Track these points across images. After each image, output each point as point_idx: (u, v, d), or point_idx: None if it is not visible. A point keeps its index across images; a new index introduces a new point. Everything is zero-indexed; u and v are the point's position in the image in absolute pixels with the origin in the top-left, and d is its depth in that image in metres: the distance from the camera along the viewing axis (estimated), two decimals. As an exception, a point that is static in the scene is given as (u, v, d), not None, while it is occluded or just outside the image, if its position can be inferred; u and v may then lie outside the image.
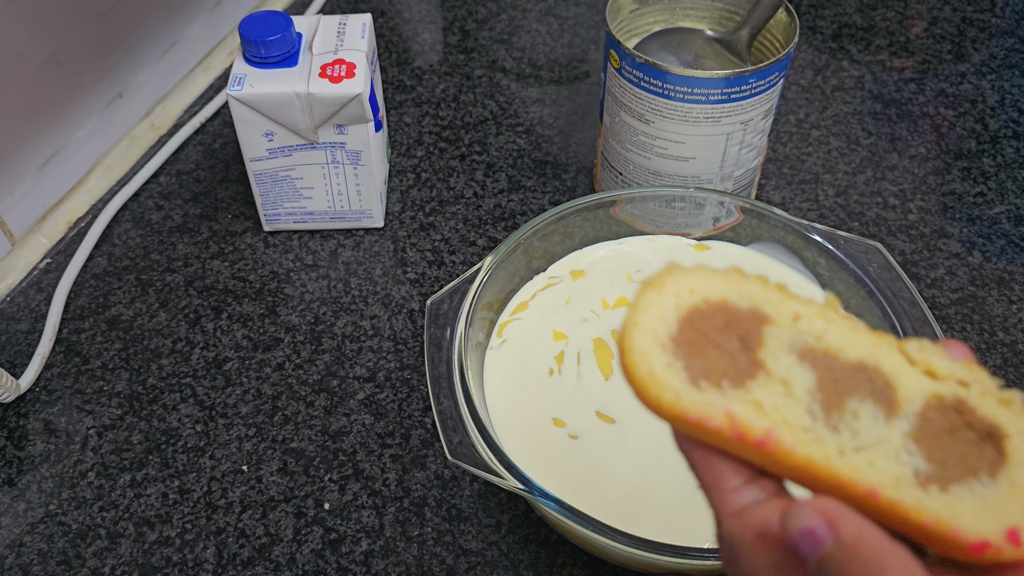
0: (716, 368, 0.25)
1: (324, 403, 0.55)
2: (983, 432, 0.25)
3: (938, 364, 0.26)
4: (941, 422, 0.25)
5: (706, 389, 0.25)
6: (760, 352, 0.25)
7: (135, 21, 0.69)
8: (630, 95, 0.56)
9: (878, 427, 0.25)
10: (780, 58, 0.54)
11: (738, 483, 0.24)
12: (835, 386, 0.25)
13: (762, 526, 0.23)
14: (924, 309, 0.48)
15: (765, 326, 0.26)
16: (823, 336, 0.26)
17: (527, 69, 0.79)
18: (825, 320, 0.26)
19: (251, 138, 0.59)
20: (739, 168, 0.59)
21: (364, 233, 0.65)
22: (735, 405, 0.24)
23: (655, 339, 0.25)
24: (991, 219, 0.66)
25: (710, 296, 0.26)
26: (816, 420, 0.25)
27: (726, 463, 0.25)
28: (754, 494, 0.24)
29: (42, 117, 0.62)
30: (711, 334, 0.26)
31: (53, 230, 0.65)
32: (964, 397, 0.25)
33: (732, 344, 0.26)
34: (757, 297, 0.26)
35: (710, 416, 0.24)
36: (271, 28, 0.56)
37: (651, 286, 0.26)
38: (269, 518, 0.50)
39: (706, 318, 0.26)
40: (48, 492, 0.51)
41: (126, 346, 0.58)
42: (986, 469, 0.24)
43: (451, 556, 0.48)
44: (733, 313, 0.26)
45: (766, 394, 0.25)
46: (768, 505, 0.23)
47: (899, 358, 0.26)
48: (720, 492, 0.24)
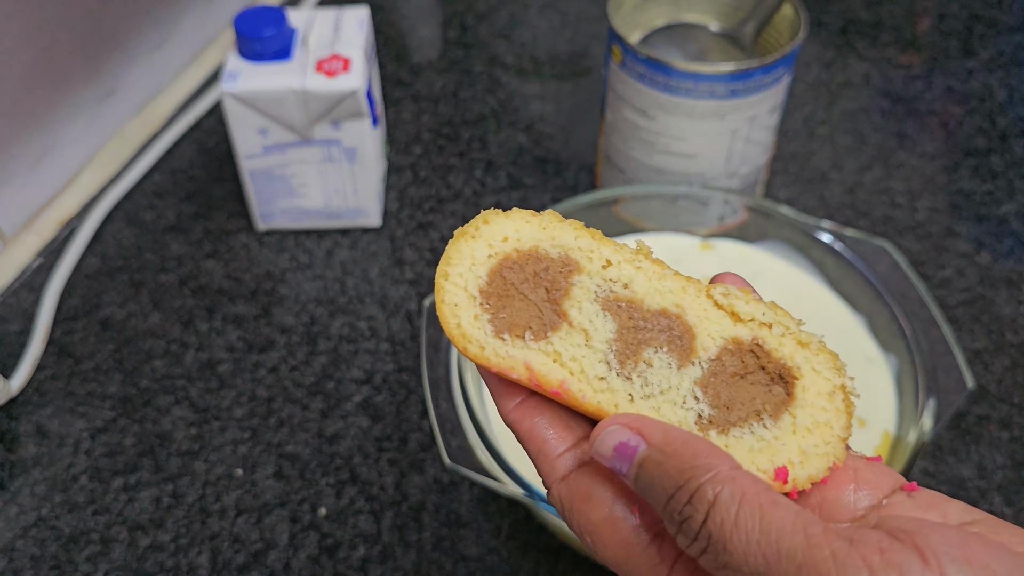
0: (520, 320, 0.27)
1: (320, 406, 0.54)
2: (775, 374, 0.27)
3: (741, 308, 0.27)
4: (735, 366, 0.27)
5: (509, 341, 0.26)
6: (565, 303, 0.27)
7: (127, 17, 0.68)
8: (633, 90, 0.55)
9: (670, 375, 0.27)
10: (786, 53, 0.53)
11: (562, 449, 0.26)
12: (634, 335, 0.27)
13: (586, 488, 0.25)
14: (933, 310, 0.47)
15: (574, 275, 0.27)
16: (630, 283, 0.27)
17: (528, 64, 0.78)
18: (635, 267, 0.27)
19: (245, 135, 0.58)
20: (745, 165, 0.58)
21: (361, 232, 0.64)
22: (534, 357, 0.26)
23: (465, 291, 0.27)
24: (1000, 218, 0.65)
25: (523, 244, 0.27)
26: (611, 370, 0.27)
27: (550, 432, 0.26)
28: (576, 457, 0.26)
29: (33, 114, 0.61)
30: (519, 285, 0.27)
31: (44, 229, 0.64)
32: (763, 339, 0.27)
33: (539, 295, 0.27)
34: (569, 245, 0.28)
35: (512, 368, 0.26)
36: (265, 22, 0.55)
37: (464, 234, 0.27)
38: (264, 523, 0.49)
39: (516, 268, 0.27)
40: (40, 496, 0.50)
41: (119, 347, 0.57)
42: (770, 411, 0.26)
43: (450, 562, 0.47)
44: (543, 261, 0.27)
45: (566, 345, 0.26)
46: (589, 467, 0.25)
47: (706, 302, 0.27)
48: (546, 460, 0.26)
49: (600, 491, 0.25)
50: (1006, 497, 0.50)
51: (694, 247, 0.56)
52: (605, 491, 0.25)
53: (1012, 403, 0.54)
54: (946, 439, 0.52)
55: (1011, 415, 0.53)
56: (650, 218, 0.55)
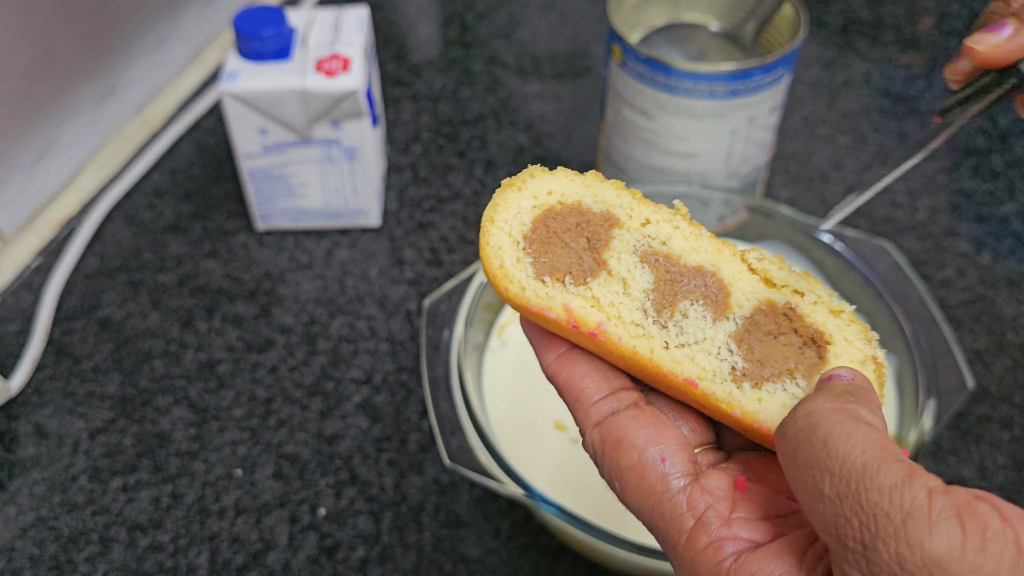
0: (561, 265, 0.28)
1: (319, 406, 0.54)
2: (807, 338, 0.27)
3: (775, 273, 0.28)
4: (768, 326, 0.27)
5: (550, 284, 0.27)
6: (605, 253, 0.28)
7: (127, 16, 0.68)
8: (633, 90, 0.55)
9: (705, 327, 0.27)
10: (786, 52, 0.53)
11: (598, 397, 0.26)
12: (671, 287, 0.28)
13: (618, 434, 0.25)
14: (933, 310, 0.47)
15: (614, 229, 0.28)
16: (668, 241, 0.28)
17: (528, 64, 0.78)
18: (673, 226, 0.28)
19: (244, 135, 0.57)
20: (745, 165, 0.58)
21: (360, 232, 0.64)
22: (573, 300, 0.27)
23: (509, 236, 0.28)
24: (1001, 218, 0.65)
25: (566, 198, 0.28)
26: (647, 317, 0.27)
27: (588, 381, 0.27)
28: (612, 405, 0.26)
29: (33, 114, 0.61)
30: (562, 234, 0.28)
31: (44, 229, 0.64)
32: (796, 305, 0.27)
33: (580, 244, 0.28)
34: (611, 201, 0.28)
35: (550, 308, 0.27)
36: (265, 22, 0.55)
37: (511, 186, 0.28)
38: (263, 524, 0.49)
39: (559, 219, 0.28)
40: (39, 496, 0.50)
41: (118, 347, 0.57)
42: (803, 371, 0.27)
43: (450, 563, 0.47)
44: (585, 215, 0.28)
45: (604, 291, 0.27)
46: (623, 414, 0.26)
47: (740, 266, 0.28)
48: (582, 407, 0.26)
49: (631, 436, 0.25)
50: (1007, 497, 0.49)
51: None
52: (637, 437, 0.25)
53: (1013, 403, 0.54)
54: (947, 439, 0.52)
55: (1012, 415, 0.53)
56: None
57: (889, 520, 0.19)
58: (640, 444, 0.25)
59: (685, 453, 0.25)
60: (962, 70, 0.29)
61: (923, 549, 0.18)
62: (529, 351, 0.51)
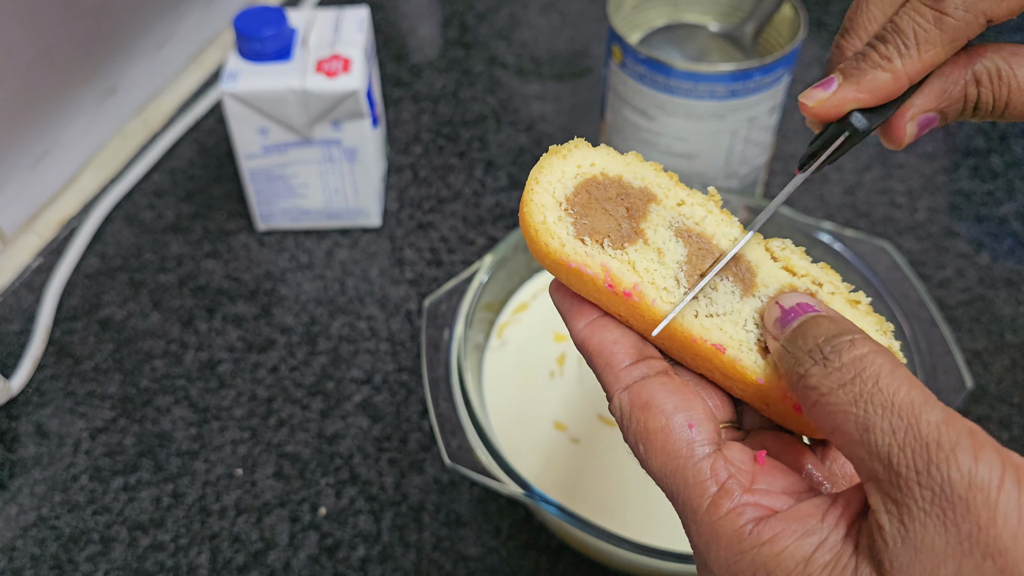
0: (601, 229, 0.28)
1: (320, 406, 0.54)
2: None
3: (797, 263, 0.29)
4: None
5: (589, 244, 0.28)
6: (643, 223, 0.29)
7: (128, 16, 0.68)
8: (633, 91, 0.55)
9: (733, 301, 0.28)
10: (786, 53, 0.53)
11: (628, 362, 0.27)
12: (702, 261, 0.29)
13: (647, 397, 0.26)
14: (932, 310, 0.47)
15: (651, 204, 0.29)
16: (701, 222, 0.29)
17: (528, 64, 0.78)
18: (706, 210, 0.29)
19: (245, 135, 0.58)
20: (744, 165, 0.58)
21: (361, 232, 0.64)
22: (611, 261, 0.28)
23: (552, 196, 0.29)
24: (1000, 218, 0.65)
25: (609, 171, 0.29)
26: (679, 287, 0.28)
27: (618, 347, 0.27)
28: (642, 370, 0.27)
29: (34, 114, 0.61)
30: (602, 201, 0.29)
31: (45, 229, 0.64)
32: (815, 293, 0.28)
33: (619, 212, 0.29)
34: (650, 180, 0.30)
35: (588, 265, 0.28)
36: (266, 22, 0.55)
37: (557, 153, 0.29)
38: (264, 523, 0.49)
39: (601, 188, 0.29)
40: (40, 496, 0.50)
41: (118, 347, 0.57)
42: None
43: (450, 562, 0.47)
44: (626, 188, 0.29)
45: (640, 258, 0.28)
46: (653, 380, 0.26)
47: (764, 253, 0.29)
48: (612, 371, 0.27)
49: (660, 401, 0.25)
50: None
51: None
52: (666, 402, 0.25)
53: (1011, 403, 0.54)
54: (945, 439, 0.52)
55: (1011, 415, 0.53)
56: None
57: (940, 448, 0.20)
58: (668, 409, 0.25)
59: (711, 423, 0.25)
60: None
61: (971, 473, 0.20)
62: (529, 351, 0.51)
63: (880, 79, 0.28)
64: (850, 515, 0.23)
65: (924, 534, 0.20)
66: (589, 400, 0.48)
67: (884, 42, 0.28)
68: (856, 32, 0.29)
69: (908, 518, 0.21)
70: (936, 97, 0.29)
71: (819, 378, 0.23)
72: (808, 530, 0.22)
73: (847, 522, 0.22)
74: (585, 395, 0.49)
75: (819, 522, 0.23)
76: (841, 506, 0.23)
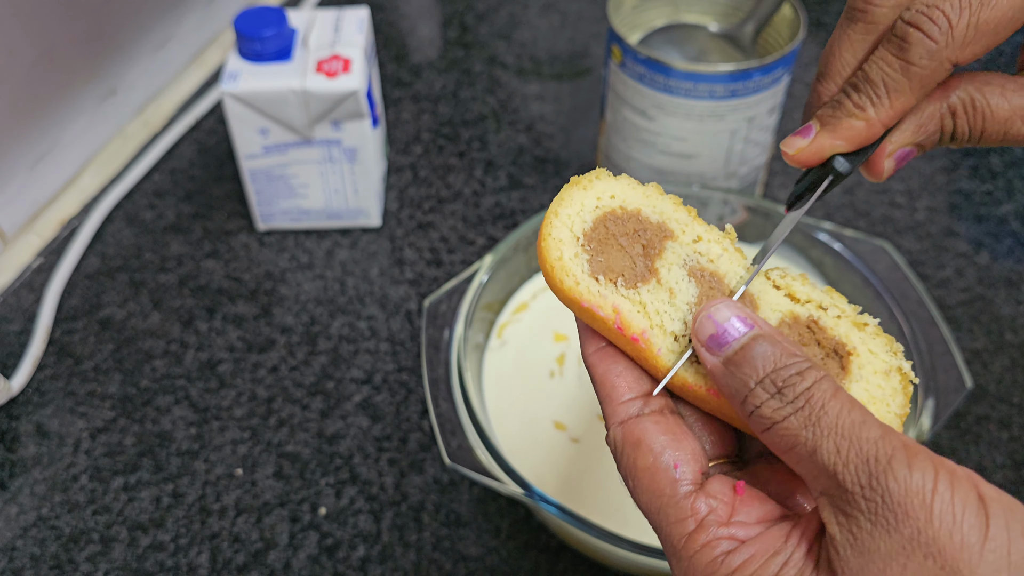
0: (615, 267, 0.29)
1: (320, 406, 0.54)
2: (830, 349, 0.28)
3: (798, 289, 0.29)
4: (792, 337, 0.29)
5: (603, 284, 0.28)
6: (658, 262, 0.29)
7: (128, 17, 0.68)
8: (632, 91, 0.55)
9: None
10: (785, 53, 0.53)
11: (627, 397, 0.28)
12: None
13: (639, 435, 0.27)
14: (932, 310, 0.47)
15: (668, 241, 0.30)
16: (716, 260, 0.30)
17: (528, 64, 0.78)
18: (722, 248, 0.30)
19: (245, 135, 0.58)
20: (744, 166, 0.58)
21: (361, 232, 0.64)
22: (623, 302, 0.28)
23: (570, 230, 0.29)
24: (999, 218, 0.65)
25: (628, 204, 0.30)
26: (687, 329, 0.28)
27: (621, 380, 0.28)
28: (638, 407, 0.28)
29: (34, 114, 0.62)
30: (619, 237, 0.29)
31: (45, 229, 0.64)
32: (818, 318, 0.29)
33: (635, 250, 0.29)
34: (668, 215, 0.30)
35: (600, 306, 0.28)
36: (266, 23, 0.55)
37: (578, 184, 0.30)
38: (264, 523, 0.49)
39: (619, 222, 0.29)
40: (40, 496, 0.50)
41: (119, 347, 0.57)
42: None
43: (450, 562, 0.47)
44: (643, 223, 0.30)
45: (652, 298, 0.29)
46: (648, 419, 0.27)
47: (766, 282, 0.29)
48: (611, 403, 0.28)
49: (650, 440, 0.27)
50: (1005, 497, 0.50)
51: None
52: (654, 442, 0.27)
53: (1011, 403, 0.54)
54: (945, 439, 0.52)
55: (1010, 415, 0.53)
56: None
57: (878, 461, 0.22)
58: (657, 449, 0.27)
59: (697, 463, 0.27)
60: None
61: (907, 482, 0.22)
62: (529, 351, 0.51)
63: (856, 127, 0.29)
64: (811, 534, 0.24)
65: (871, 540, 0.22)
66: (589, 400, 0.48)
67: (857, 91, 0.29)
68: (831, 77, 0.30)
69: (856, 527, 0.22)
70: (913, 132, 0.30)
71: (772, 410, 0.25)
72: (775, 551, 0.24)
73: (808, 540, 0.24)
74: (585, 395, 0.49)
75: (784, 543, 0.24)
76: (803, 527, 0.25)
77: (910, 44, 0.28)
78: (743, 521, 0.26)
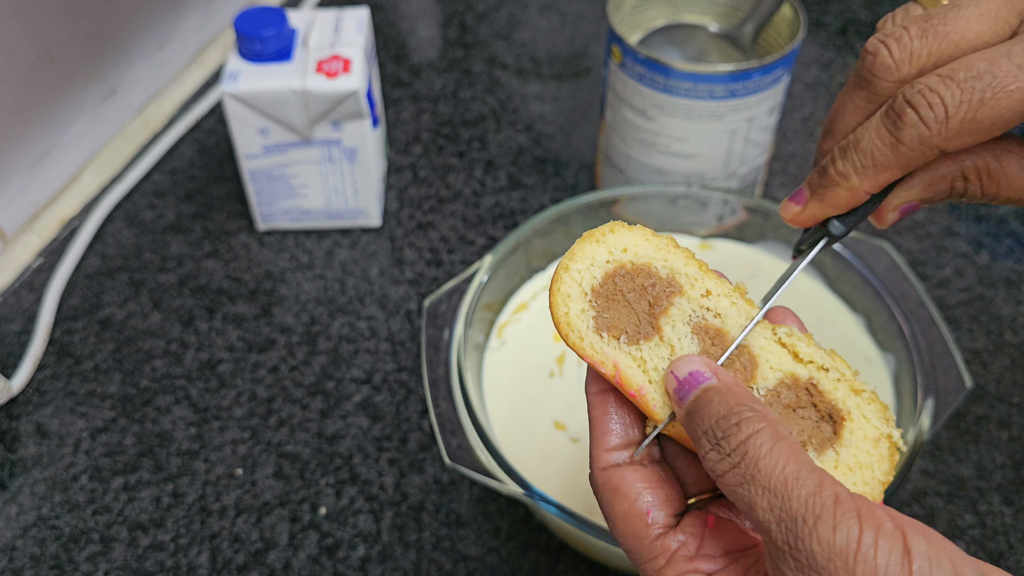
0: (620, 324, 0.30)
1: (320, 406, 0.54)
2: (825, 413, 0.29)
3: (802, 349, 0.30)
4: (789, 399, 0.29)
5: (605, 339, 0.30)
6: (662, 319, 0.30)
7: (129, 17, 0.68)
8: (632, 91, 0.55)
9: None
10: (785, 53, 0.53)
11: (615, 444, 0.29)
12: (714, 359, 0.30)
13: (617, 482, 0.29)
14: (931, 310, 0.48)
15: (675, 296, 0.30)
16: (723, 315, 0.30)
17: (527, 65, 0.78)
18: (731, 301, 0.30)
19: (245, 135, 0.58)
20: (744, 166, 0.58)
21: (361, 232, 0.64)
22: (623, 359, 0.29)
23: (579, 286, 0.30)
24: (999, 218, 0.65)
25: (639, 258, 0.31)
26: None
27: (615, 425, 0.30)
28: (622, 456, 0.29)
29: (35, 114, 0.62)
30: (627, 293, 0.30)
31: (45, 229, 0.64)
32: (818, 380, 0.29)
33: (641, 307, 0.30)
34: (678, 269, 0.31)
35: (602, 362, 0.29)
36: (266, 23, 0.56)
37: (591, 237, 0.31)
38: (264, 523, 0.49)
39: (628, 277, 0.30)
40: (40, 496, 0.50)
41: (119, 347, 0.57)
42: (816, 445, 0.29)
43: (449, 562, 0.47)
44: (652, 277, 0.30)
45: (652, 355, 0.30)
46: (627, 468, 0.29)
47: (771, 338, 0.30)
48: (599, 447, 0.30)
49: (626, 489, 0.29)
50: (1005, 497, 0.50)
51: (693, 247, 0.56)
52: (630, 490, 0.29)
53: (1011, 403, 0.54)
54: (945, 439, 0.52)
55: (1010, 415, 0.53)
56: (649, 218, 0.55)
57: (804, 523, 0.23)
58: (632, 495, 0.28)
59: (670, 508, 0.29)
60: None
61: (829, 544, 0.23)
62: (529, 351, 0.51)
63: (841, 195, 0.30)
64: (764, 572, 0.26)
65: None
66: (589, 400, 0.48)
67: (844, 157, 0.30)
68: (835, 136, 0.31)
69: None
70: (921, 190, 0.31)
71: (714, 462, 0.26)
72: None
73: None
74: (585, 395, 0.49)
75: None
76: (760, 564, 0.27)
77: (904, 125, 0.28)
78: (709, 554, 0.27)
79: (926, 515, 0.49)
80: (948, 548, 0.23)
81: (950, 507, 0.49)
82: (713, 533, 0.28)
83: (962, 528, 0.49)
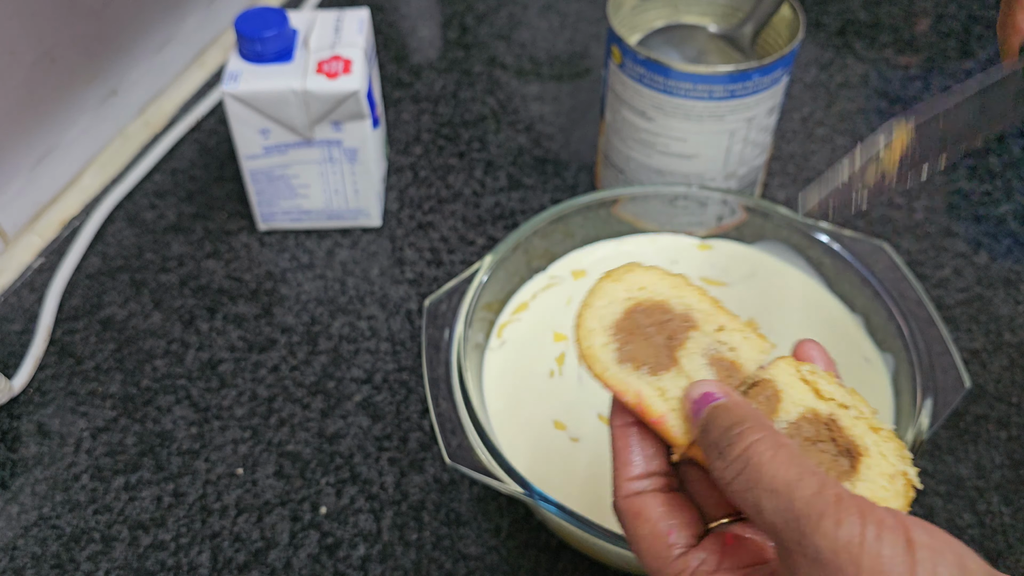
0: (640, 356, 0.32)
1: (320, 405, 0.54)
2: (843, 448, 0.30)
3: (824, 387, 0.31)
4: (809, 433, 0.30)
5: (628, 370, 0.31)
6: (679, 351, 0.32)
7: (129, 17, 0.68)
8: (632, 92, 0.55)
9: None
10: (784, 54, 0.53)
11: (637, 473, 0.31)
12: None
13: (639, 508, 0.31)
14: (930, 309, 0.48)
15: (691, 330, 0.32)
16: (737, 348, 0.32)
17: (527, 65, 0.78)
18: (743, 336, 0.32)
19: (246, 135, 0.58)
20: (743, 166, 0.58)
21: (361, 232, 0.64)
22: (644, 388, 0.31)
23: (601, 322, 0.32)
24: (998, 218, 0.65)
25: (655, 296, 0.33)
26: None
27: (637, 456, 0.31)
28: (644, 485, 0.31)
29: (36, 115, 0.62)
30: (646, 327, 0.32)
31: (46, 229, 0.64)
32: (838, 417, 0.31)
33: (660, 340, 0.32)
34: (692, 305, 0.33)
35: (624, 392, 0.31)
36: (267, 24, 0.56)
37: (611, 277, 0.33)
38: (265, 522, 0.49)
39: (646, 313, 0.32)
40: (41, 495, 0.50)
41: (120, 347, 0.57)
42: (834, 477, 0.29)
43: (450, 561, 0.48)
44: (669, 313, 0.33)
45: (671, 385, 0.31)
46: (648, 495, 0.31)
47: (794, 375, 0.31)
48: (621, 477, 0.31)
49: (648, 513, 0.30)
50: (1004, 496, 0.50)
51: (692, 247, 0.56)
52: (652, 513, 0.30)
53: (1010, 402, 0.54)
54: (944, 439, 0.52)
55: (1009, 414, 0.53)
56: (649, 218, 0.56)
57: (809, 520, 0.24)
58: (654, 518, 0.30)
59: (691, 529, 0.30)
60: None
61: (834, 538, 0.24)
62: (529, 351, 0.51)
63: None
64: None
65: None
66: (589, 400, 0.49)
67: None
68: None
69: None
70: None
71: (721, 470, 0.27)
72: None
73: None
74: (585, 395, 0.49)
75: None
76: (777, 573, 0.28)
77: None
78: (729, 568, 0.29)
79: (925, 515, 0.49)
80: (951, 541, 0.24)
81: (949, 507, 0.49)
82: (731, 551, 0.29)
83: (961, 527, 0.49)
